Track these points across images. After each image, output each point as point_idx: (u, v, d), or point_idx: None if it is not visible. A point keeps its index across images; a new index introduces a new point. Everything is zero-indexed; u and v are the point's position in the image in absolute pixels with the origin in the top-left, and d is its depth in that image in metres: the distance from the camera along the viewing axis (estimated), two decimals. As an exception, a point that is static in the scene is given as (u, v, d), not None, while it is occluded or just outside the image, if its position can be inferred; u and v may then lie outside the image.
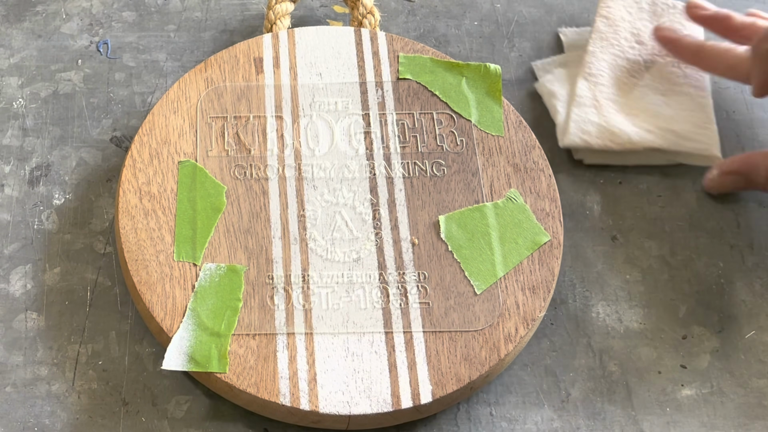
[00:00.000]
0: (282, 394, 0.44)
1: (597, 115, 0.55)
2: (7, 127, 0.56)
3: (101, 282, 0.50)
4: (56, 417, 0.46)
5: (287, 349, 0.46)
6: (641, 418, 0.47)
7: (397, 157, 0.52)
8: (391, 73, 0.55)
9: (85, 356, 0.48)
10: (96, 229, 0.52)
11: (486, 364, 0.46)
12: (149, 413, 0.47)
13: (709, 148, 0.54)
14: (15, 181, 0.54)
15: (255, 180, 0.51)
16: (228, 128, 0.52)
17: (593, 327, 0.50)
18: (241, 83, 0.54)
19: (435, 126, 0.53)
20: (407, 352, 0.46)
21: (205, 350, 0.45)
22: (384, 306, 0.47)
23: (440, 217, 0.50)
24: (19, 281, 0.50)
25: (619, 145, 0.54)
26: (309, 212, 0.50)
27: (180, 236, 0.48)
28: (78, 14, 0.61)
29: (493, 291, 0.48)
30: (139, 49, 0.59)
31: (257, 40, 0.55)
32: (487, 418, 0.47)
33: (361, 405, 0.44)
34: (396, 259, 0.48)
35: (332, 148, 0.52)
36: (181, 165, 0.51)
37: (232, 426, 0.46)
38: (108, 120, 0.56)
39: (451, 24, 0.61)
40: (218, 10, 0.61)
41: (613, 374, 0.49)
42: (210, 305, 0.47)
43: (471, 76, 0.55)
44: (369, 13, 0.57)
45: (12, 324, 0.49)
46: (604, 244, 0.53)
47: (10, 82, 0.58)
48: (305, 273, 0.48)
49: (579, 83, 0.56)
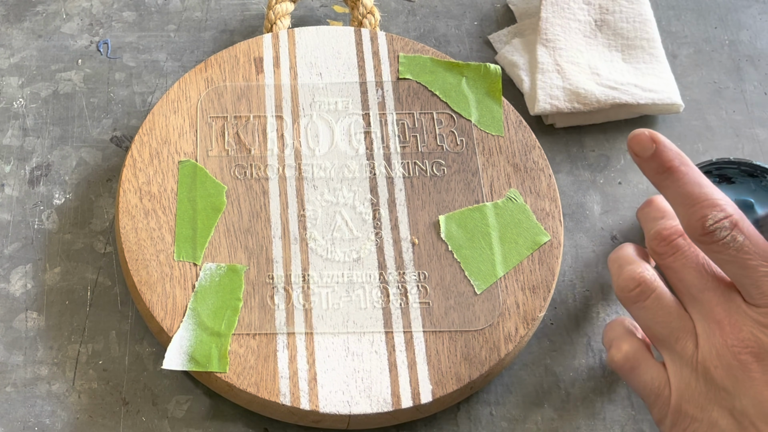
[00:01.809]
0: (282, 393, 0.44)
1: (561, 79, 0.56)
2: (7, 127, 0.56)
3: (101, 282, 0.50)
4: (56, 417, 0.46)
5: (287, 349, 0.46)
6: (641, 418, 0.47)
7: (397, 157, 0.52)
8: (391, 73, 0.55)
9: (85, 356, 0.48)
10: (96, 228, 0.52)
11: (486, 364, 0.46)
12: (149, 413, 0.47)
13: (671, 96, 0.56)
14: (15, 180, 0.54)
15: (255, 180, 0.51)
16: (228, 128, 0.52)
17: (593, 327, 0.50)
18: (241, 83, 0.54)
19: (435, 126, 0.53)
20: (407, 352, 0.46)
21: (206, 350, 0.45)
22: (384, 306, 0.47)
23: (440, 217, 0.50)
24: (20, 281, 0.50)
25: (587, 106, 0.55)
26: (309, 212, 0.50)
27: (180, 236, 0.49)
28: (78, 14, 0.61)
29: (493, 291, 0.48)
30: (139, 49, 0.59)
31: (257, 40, 0.55)
32: (487, 418, 0.47)
33: (361, 405, 0.44)
34: (396, 258, 0.48)
35: (332, 148, 0.52)
36: (182, 165, 0.51)
37: (232, 426, 0.46)
38: (108, 120, 0.56)
39: (451, 24, 0.61)
40: (218, 10, 0.61)
41: (613, 374, 0.49)
42: (210, 305, 0.47)
43: (471, 76, 0.55)
44: (369, 13, 0.57)
45: (12, 324, 0.49)
46: (604, 244, 0.53)
47: (11, 82, 0.58)
48: (305, 273, 0.48)
49: (539, 50, 0.57)
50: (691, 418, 0.40)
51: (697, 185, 0.40)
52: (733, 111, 0.58)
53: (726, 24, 0.62)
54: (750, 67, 0.60)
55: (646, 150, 0.41)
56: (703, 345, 0.40)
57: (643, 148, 0.41)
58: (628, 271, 0.42)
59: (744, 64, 0.60)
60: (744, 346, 0.38)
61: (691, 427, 0.40)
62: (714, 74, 0.60)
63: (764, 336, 0.38)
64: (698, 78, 0.59)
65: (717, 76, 0.60)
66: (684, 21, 0.62)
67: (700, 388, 0.40)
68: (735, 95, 0.59)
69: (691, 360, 0.40)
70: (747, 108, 0.58)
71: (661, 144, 0.41)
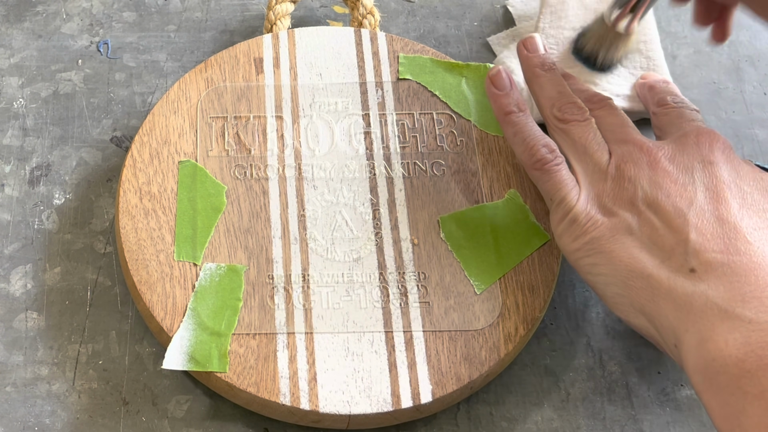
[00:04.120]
0: (282, 393, 0.44)
1: None
2: (7, 127, 0.56)
3: (101, 282, 0.50)
4: (56, 416, 0.46)
5: (287, 349, 0.46)
6: (641, 418, 0.47)
7: (397, 157, 0.52)
8: (391, 73, 0.55)
9: (85, 356, 0.48)
10: (96, 228, 0.52)
11: (486, 364, 0.46)
12: (149, 413, 0.47)
13: None
14: (15, 181, 0.54)
15: (255, 180, 0.51)
16: (228, 128, 0.52)
17: (593, 327, 0.50)
18: (241, 83, 0.54)
19: (435, 126, 0.53)
20: (407, 352, 0.46)
21: (206, 350, 0.45)
22: (384, 305, 0.47)
23: (440, 217, 0.50)
24: (20, 281, 0.50)
25: None
26: (309, 212, 0.50)
27: (180, 236, 0.49)
28: (78, 14, 0.61)
29: (493, 291, 0.48)
30: (139, 50, 0.59)
31: (257, 41, 0.55)
32: (487, 418, 0.47)
33: (361, 404, 0.44)
34: (396, 258, 0.48)
35: (332, 148, 0.52)
36: (182, 165, 0.51)
37: (232, 426, 0.46)
38: (108, 120, 0.56)
39: (451, 24, 0.61)
40: (218, 11, 0.61)
41: (613, 374, 0.49)
42: (210, 305, 0.47)
43: (471, 76, 0.55)
44: (369, 14, 0.57)
45: (12, 324, 0.49)
46: (604, 244, 0.53)
47: (11, 82, 0.58)
48: (305, 272, 0.48)
49: None
50: (594, 212, 0.44)
51: None
52: (733, 111, 0.58)
53: (726, 24, 0.62)
54: (749, 67, 0.60)
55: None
56: (617, 151, 0.45)
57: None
58: (569, 98, 0.49)
59: (743, 64, 0.60)
60: (655, 148, 0.45)
61: (593, 220, 0.44)
62: (713, 74, 0.60)
63: (675, 147, 0.45)
64: (698, 78, 0.59)
65: (716, 76, 0.60)
66: (684, 21, 0.62)
67: (608, 186, 0.44)
68: (734, 95, 0.59)
69: (605, 166, 0.45)
70: (746, 108, 0.58)
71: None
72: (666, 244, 0.42)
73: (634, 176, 0.44)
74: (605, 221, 0.44)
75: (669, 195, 0.43)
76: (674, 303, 0.40)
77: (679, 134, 0.46)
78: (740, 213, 0.42)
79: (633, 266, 0.42)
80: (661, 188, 0.43)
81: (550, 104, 0.48)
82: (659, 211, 0.43)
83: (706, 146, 0.45)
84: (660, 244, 0.42)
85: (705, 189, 0.43)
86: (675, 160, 0.44)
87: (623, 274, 0.42)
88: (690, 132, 0.46)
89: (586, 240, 0.44)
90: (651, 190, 0.43)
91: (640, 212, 0.43)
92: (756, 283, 0.39)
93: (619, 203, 0.44)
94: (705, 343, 0.38)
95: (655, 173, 0.44)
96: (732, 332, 0.38)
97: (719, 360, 0.38)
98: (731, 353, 0.37)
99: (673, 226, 0.42)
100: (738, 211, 0.42)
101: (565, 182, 0.46)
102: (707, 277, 0.40)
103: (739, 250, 0.40)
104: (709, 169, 0.44)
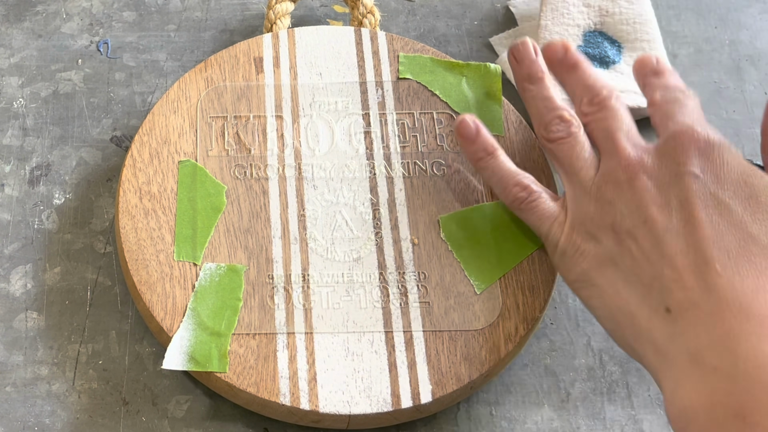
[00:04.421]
0: (282, 393, 0.44)
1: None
2: (7, 127, 0.56)
3: (101, 282, 0.50)
4: (56, 416, 0.46)
5: (287, 349, 0.46)
6: (641, 418, 0.47)
7: (397, 157, 0.52)
8: (391, 72, 0.55)
9: (85, 356, 0.48)
10: (96, 228, 0.52)
11: (486, 364, 0.46)
12: (149, 413, 0.47)
13: None
14: (15, 180, 0.54)
15: (255, 180, 0.51)
16: (228, 128, 0.52)
17: (593, 327, 0.50)
18: (241, 83, 0.54)
19: (435, 125, 0.53)
20: (407, 352, 0.46)
21: (205, 350, 0.45)
22: (384, 305, 0.47)
23: (440, 217, 0.50)
24: (20, 281, 0.50)
25: None
26: (309, 212, 0.50)
27: (180, 236, 0.49)
28: (78, 14, 0.61)
29: (493, 291, 0.48)
30: (139, 49, 0.59)
31: (257, 40, 0.55)
32: (487, 418, 0.47)
33: (361, 405, 0.44)
34: (396, 258, 0.48)
35: (332, 148, 0.52)
36: (182, 165, 0.51)
37: (232, 426, 0.46)
38: (108, 120, 0.56)
39: (451, 24, 0.61)
40: (218, 10, 0.61)
41: (613, 374, 0.49)
42: (210, 305, 0.47)
43: (471, 75, 0.55)
44: (369, 13, 0.57)
45: (12, 324, 0.49)
46: (604, 243, 0.53)
47: (11, 81, 0.58)
48: (305, 272, 0.48)
49: None
50: (581, 240, 0.44)
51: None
52: (734, 111, 0.58)
53: (726, 24, 0.62)
54: (750, 66, 0.60)
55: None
56: (602, 167, 0.45)
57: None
58: (554, 112, 0.47)
59: (744, 63, 0.60)
60: (636, 162, 0.43)
61: (580, 250, 0.44)
62: (714, 74, 0.60)
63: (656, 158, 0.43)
64: (698, 78, 0.59)
65: (717, 75, 0.60)
66: (684, 21, 0.62)
67: (591, 209, 0.44)
68: (735, 95, 0.59)
69: (590, 184, 0.44)
70: (747, 108, 0.58)
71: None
72: (645, 277, 0.41)
73: (614, 199, 0.43)
74: (591, 249, 0.43)
75: (645, 221, 0.42)
76: (654, 346, 0.40)
77: (662, 138, 0.44)
78: (713, 235, 0.40)
79: (618, 303, 0.42)
80: (639, 213, 0.42)
81: (538, 123, 0.48)
82: (637, 239, 0.42)
83: (682, 153, 0.43)
84: (640, 275, 0.41)
85: (680, 208, 0.41)
86: (654, 175, 0.43)
87: (612, 310, 0.42)
88: (669, 137, 0.44)
89: (578, 271, 0.44)
90: (630, 215, 0.42)
91: (620, 241, 0.42)
92: (722, 327, 0.38)
93: (602, 229, 0.43)
94: (678, 390, 0.38)
95: (634, 194, 0.43)
96: (701, 381, 0.37)
97: (690, 409, 0.37)
98: (701, 402, 0.37)
99: (651, 259, 0.41)
100: (711, 233, 0.40)
101: (547, 216, 0.46)
102: (680, 318, 0.39)
103: (708, 286, 0.39)
104: (683, 182, 0.42)
